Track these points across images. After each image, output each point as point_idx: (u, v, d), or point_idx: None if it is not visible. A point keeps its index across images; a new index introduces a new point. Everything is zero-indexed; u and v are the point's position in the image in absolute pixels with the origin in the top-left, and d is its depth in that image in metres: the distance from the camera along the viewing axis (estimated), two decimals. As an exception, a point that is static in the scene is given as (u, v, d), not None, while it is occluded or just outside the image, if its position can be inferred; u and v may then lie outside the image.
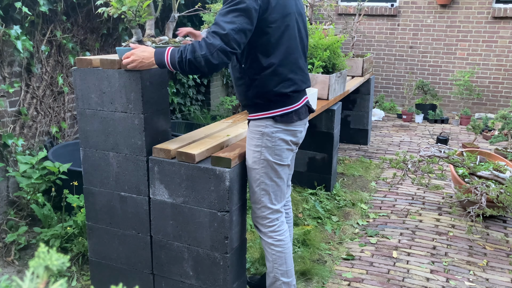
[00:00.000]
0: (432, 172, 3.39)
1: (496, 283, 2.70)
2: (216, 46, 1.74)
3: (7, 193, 3.14)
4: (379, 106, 7.18)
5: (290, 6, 1.92)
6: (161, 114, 2.23)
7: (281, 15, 1.87)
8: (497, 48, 6.75)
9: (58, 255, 0.58)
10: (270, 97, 1.96)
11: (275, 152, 2.01)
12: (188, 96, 5.33)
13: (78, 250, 2.76)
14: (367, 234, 3.26)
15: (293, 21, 1.93)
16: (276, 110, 1.98)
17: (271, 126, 1.99)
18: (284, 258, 2.15)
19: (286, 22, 1.89)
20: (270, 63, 1.91)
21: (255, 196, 2.10)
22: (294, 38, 1.95)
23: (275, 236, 2.13)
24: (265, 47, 1.89)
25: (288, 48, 1.92)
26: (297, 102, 2.03)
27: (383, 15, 7.24)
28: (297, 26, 1.97)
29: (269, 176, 2.05)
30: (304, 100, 2.09)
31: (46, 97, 3.45)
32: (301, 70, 2.01)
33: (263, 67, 1.91)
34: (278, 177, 2.07)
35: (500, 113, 4.91)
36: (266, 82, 1.94)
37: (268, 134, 1.99)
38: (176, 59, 1.83)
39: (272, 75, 1.92)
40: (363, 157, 4.94)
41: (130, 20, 2.08)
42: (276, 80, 1.93)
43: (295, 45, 1.96)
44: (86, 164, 2.32)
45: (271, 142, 2.00)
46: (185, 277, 2.23)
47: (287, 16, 1.89)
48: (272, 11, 1.84)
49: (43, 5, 3.10)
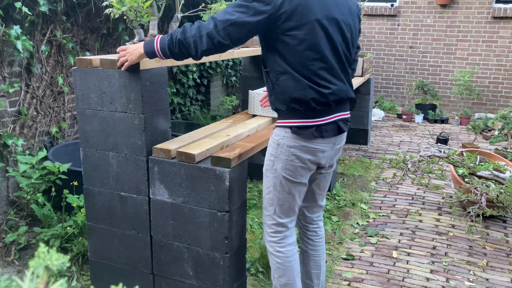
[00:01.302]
0: (432, 172, 3.39)
1: (496, 283, 2.70)
2: (207, 29, 1.72)
3: (7, 193, 3.14)
4: (379, 106, 7.18)
5: (313, 13, 1.74)
6: (161, 114, 2.23)
7: (299, 23, 1.73)
8: (497, 48, 6.76)
9: (58, 255, 0.58)
10: (289, 102, 1.83)
11: (286, 167, 1.89)
12: (188, 96, 5.33)
13: (78, 250, 2.76)
14: (367, 234, 3.26)
15: (317, 29, 1.75)
16: (295, 120, 1.84)
17: (288, 139, 1.86)
18: (283, 271, 2.03)
19: (305, 30, 1.74)
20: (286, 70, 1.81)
21: (264, 203, 2.02)
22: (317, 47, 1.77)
23: (275, 247, 2.03)
24: (283, 53, 1.79)
25: (307, 57, 1.77)
26: (321, 118, 1.84)
27: (383, 15, 7.24)
28: (324, 33, 1.77)
29: (278, 189, 1.93)
30: (334, 117, 1.87)
31: (46, 97, 3.45)
32: (327, 81, 1.81)
33: (282, 71, 1.82)
34: (288, 192, 1.93)
35: (500, 113, 4.91)
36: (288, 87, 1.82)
37: (283, 147, 1.88)
38: (167, 42, 1.80)
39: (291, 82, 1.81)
40: (363, 157, 4.95)
41: (131, 20, 2.08)
42: (295, 86, 1.80)
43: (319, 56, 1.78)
44: (86, 164, 2.32)
45: (285, 155, 1.88)
46: (185, 277, 2.23)
47: (307, 24, 1.73)
48: (288, 19, 1.73)
49: (43, 5, 3.09)
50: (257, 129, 2.82)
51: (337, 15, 1.80)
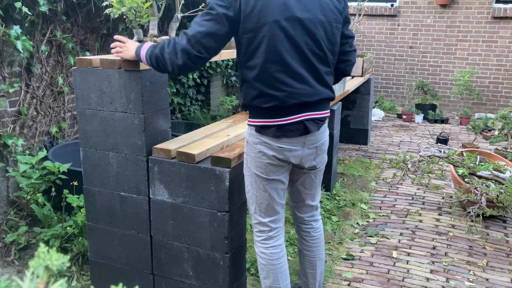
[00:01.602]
0: (432, 172, 3.39)
1: (496, 283, 2.70)
2: (181, 45, 1.72)
3: (7, 193, 3.14)
4: (379, 106, 7.18)
5: (272, 13, 1.68)
6: (161, 114, 2.23)
7: (255, 25, 1.68)
8: (497, 48, 6.76)
9: (58, 255, 0.58)
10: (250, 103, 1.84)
11: (256, 164, 1.89)
12: (188, 96, 5.33)
13: (78, 250, 2.76)
14: (367, 234, 3.26)
15: (275, 31, 1.68)
16: (257, 120, 1.84)
17: (254, 136, 1.87)
18: (267, 272, 2.02)
19: (262, 33, 1.68)
20: (247, 77, 1.79)
21: (247, 202, 2.04)
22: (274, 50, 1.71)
23: (260, 247, 2.03)
24: (243, 58, 1.78)
25: (265, 62, 1.72)
26: (281, 118, 1.80)
27: (383, 15, 7.24)
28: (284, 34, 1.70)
29: (254, 187, 1.94)
30: (299, 117, 1.81)
31: (46, 97, 3.45)
32: (286, 85, 1.75)
33: (243, 79, 1.82)
34: (264, 190, 1.92)
35: (500, 113, 4.91)
36: (246, 93, 1.83)
37: (251, 144, 1.90)
38: (148, 52, 1.82)
39: (249, 87, 1.80)
40: (363, 157, 4.95)
41: (131, 20, 2.08)
42: (252, 94, 1.80)
43: (276, 59, 1.72)
44: (86, 164, 2.32)
45: (253, 152, 1.89)
46: (185, 277, 2.23)
47: (264, 26, 1.68)
48: (246, 21, 1.69)
49: (43, 5, 3.09)
50: (257, 129, 2.82)
51: (299, 14, 1.71)
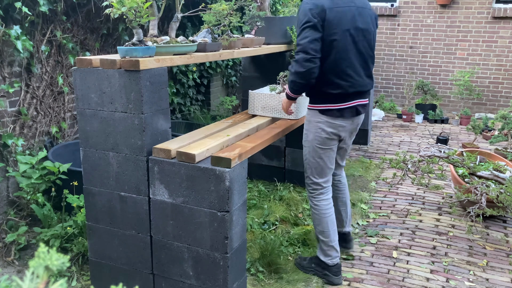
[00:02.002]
0: (432, 172, 3.39)
1: (496, 283, 2.70)
2: (300, 59, 2.29)
3: (7, 193, 3.14)
4: (379, 106, 7.18)
5: (343, 24, 2.33)
6: (161, 114, 2.23)
7: (329, 33, 2.31)
8: (497, 48, 6.76)
9: (58, 255, 0.58)
10: (319, 94, 2.46)
11: (315, 137, 2.52)
12: (188, 96, 5.33)
13: (78, 250, 2.76)
14: (367, 234, 3.26)
15: (344, 36, 2.34)
16: (322, 105, 2.48)
17: (316, 116, 2.50)
18: (319, 220, 2.62)
19: (333, 37, 2.31)
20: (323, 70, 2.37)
21: (304, 168, 2.65)
22: (345, 50, 2.35)
23: (313, 200, 2.63)
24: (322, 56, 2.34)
25: (336, 59, 2.35)
26: (341, 103, 2.45)
27: (383, 15, 7.24)
28: (352, 39, 2.36)
29: (312, 155, 2.57)
30: (353, 103, 2.49)
31: (46, 97, 3.45)
32: (350, 77, 2.40)
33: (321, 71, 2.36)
34: (319, 157, 2.55)
35: (500, 113, 4.91)
36: (320, 82, 2.40)
37: (312, 122, 2.53)
38: (290, 88, 2.45)
39: (323, 78, 2.39)
40: (363, 157, 4.95)
41: (131, 20, 2.08)
42: (324, 83, 2.41)
43: (345, 57, 2.36)
44: (86, 164, 2.32)
45: (314, 128, 2.52)
46: (185, 277, 2.23)
47: (335, 34, 2.32)
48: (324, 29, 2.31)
49: (43, 5, 3.09)
50: (257, 129, 2.82)
51: (361, 25, 2.40)
